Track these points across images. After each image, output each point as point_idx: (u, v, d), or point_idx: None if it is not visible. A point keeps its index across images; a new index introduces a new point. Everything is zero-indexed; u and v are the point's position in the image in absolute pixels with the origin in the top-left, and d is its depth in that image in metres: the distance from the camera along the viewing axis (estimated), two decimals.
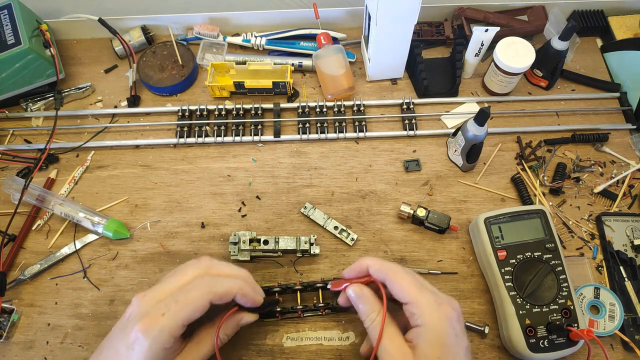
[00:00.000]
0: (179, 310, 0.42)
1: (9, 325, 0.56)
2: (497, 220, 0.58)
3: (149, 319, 0.41)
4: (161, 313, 0.41)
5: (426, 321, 0.42)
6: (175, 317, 0.42)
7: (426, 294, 0.44)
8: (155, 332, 0.41)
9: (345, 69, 0.71)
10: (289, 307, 0.55)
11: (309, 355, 0.55)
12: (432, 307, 0.43)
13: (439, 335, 0.42)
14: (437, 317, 0.42)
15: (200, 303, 0.43)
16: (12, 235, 0.62)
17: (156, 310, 0.42)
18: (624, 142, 0.70)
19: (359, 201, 0.65)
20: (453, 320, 0.43)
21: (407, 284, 0.44)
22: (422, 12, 0.65)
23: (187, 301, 0.42)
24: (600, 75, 0.76)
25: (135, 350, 0.41)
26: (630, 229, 0.62)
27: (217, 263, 0.48)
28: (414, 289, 0.44)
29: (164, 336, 0.41)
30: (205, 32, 0.76)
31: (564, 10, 0.78)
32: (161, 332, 0.41)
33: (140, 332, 0.41)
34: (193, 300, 0.43)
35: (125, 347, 0.41)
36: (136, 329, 0.41)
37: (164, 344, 0.41)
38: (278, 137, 0.69)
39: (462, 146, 0.63)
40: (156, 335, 0.41)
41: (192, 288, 0.44)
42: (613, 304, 0.56)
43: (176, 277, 0.45)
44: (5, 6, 0.69)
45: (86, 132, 0.71)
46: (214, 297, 0.44)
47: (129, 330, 0.41)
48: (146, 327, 0.41)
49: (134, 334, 0.41)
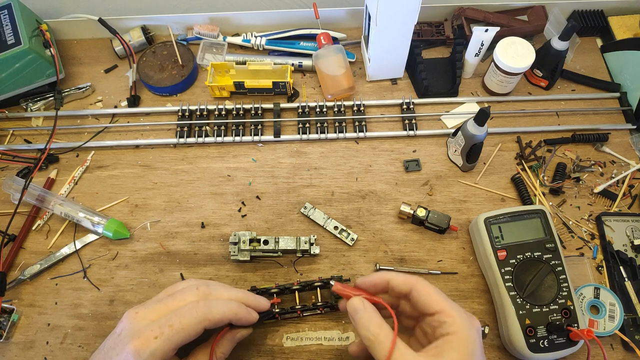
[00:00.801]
0: (173, 335, 0.42)
1: (9, 325, 0.56)
2: (497, 220, 0.58)
3: (141, 340, 0.41)
4: (154, 336, 0.41)
5: (458, 329, 0.41)
6: (168, 341, 0.41)
7: (454, 304, 0.43)
8: (146, 354, 0.40)
9: (345, 69, 0.71)
10: (288, 307, 0.55)
11: (309, 355, 0.55)
12: (463, 317, 0.42)
13: (470, 343, 0.41)
14: (468, 326, 0.41)
15: (194, 329, 0.43)
16: (12, 235, 0.62)
17: (149, 332, 0.41)
18: (624, 142, 0.70)
19: (359, 201, 0.65)
20: (480, 334, 0.42)
21: (436, 294, 0.43)
22: (422, 12, 0.65)
23: (181, 326, 0.42)
24: (600, 75, 0.76)
25: None
26: (630, 229, 0.62)
27: (214, 287, 0.48)
28: (443, 298, 0.43)
29: (155, 359, 0.41)
30: (205, 32, 0.76)
31: (564, 10, 0.78)
32: (152, 355, 0.41)
33: (132, 354, 0.40)
34: (187, 326, 0.42)
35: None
36: (127, 349, 0.40)
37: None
38: (278, 137, 0.69)
39: (462, 146, 0.63)
40: (147, 358, 0.40)
41: (187, 313, 0.43)
42: (613, 304, 0.56)
43: (173, 299, 0.45)
44: (5, 6, 0.69)
45: (86, 132, 0.71)
46: (209, 323, 0.44)
47: (120, 349, 0.41)
48: (137, 349, 0.40)
49: (125, 354, 0.40)
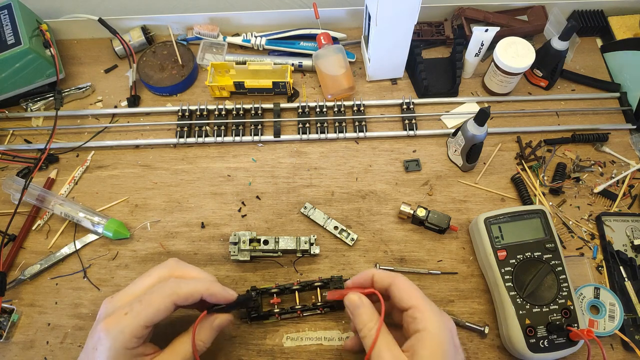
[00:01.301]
0: (142, 310, 0.42)
1: (9, 325, 0.56)
2: (497, 220, 0.58)
3: (112, 318, 0.42)
4: (124, 312, 0.42)
5: (428, 326, 0.42)
6: (138, 317, 0.42)
7: (428, 302, 0.44)
8: (116, 331, 0.41)
9: (345, 69, 0.71)
10: (288, 307, 0.55)
11: (309, 355, 0.55)
12: (434, 313, 0.43)
13: (440, 342, 0.41)
14: (439, 324, 0.42)
15: (163, 304, 0.43)
16: (12, 235, 0.62)
17: (119, 310, 0.42)
18: (624, 142, 0.70)
19: (359, 201, 0.65)
20: (453, 332, 0.43)
21: (412, 290, 0.45)
22: (422, 12, 0.65)
23: (150, 302, 0.43)
24: (600, 75, 0.76)
25: (99, 350, 0.41)
26: (630, 229, 0.62)
27: (184, 265, 0.48)
28: (418, 295, 0.44)
29: (125, 335, 0.41)
30: (205, 32, 0.76)
31: (564, 10, 0.78)
32: (122, 332, 0.41)
33: (103, 332, 0.41)
34: (156, 301, 0.43)
35: (91, 347, 0.42)
36: (99, 328, 0.41)
37: (126, 344, 0.41)
38: (278, 137, 0.69)
39: (462, 146, 0.63)
40: (117, 335, 0.41)
41: (156, 289, 0.44)
42: (613, 304, 0.56)
43: (142, 279, 0.46)
44: (5, 6, 0.69)
45: (86, 132, 0.71)
46: (178, 298, 0.44)
47: (95, 330, 0.42)
48: (108, 327, 0.41)
49: (98, 333, 0.41)
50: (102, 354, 0.40)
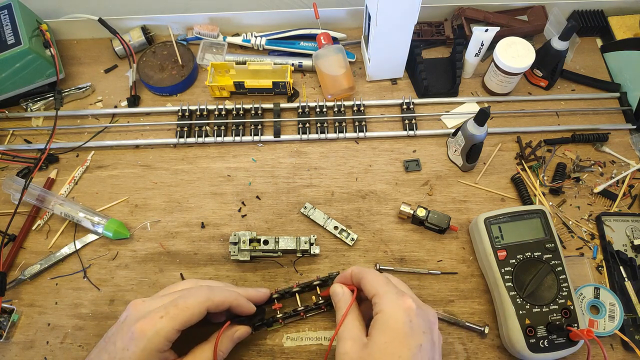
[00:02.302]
0: (177, 314, 0.43)
1: (9, 325, 0.56)
2: (497, 220, 0.58)
3: (147, 320, 0.42)
4: (159, 316, 0.42)
5: (382, 308, 0.43)
6: (173, 320, 0.42)
7: (391, 288, 0.45)
8: (151, 333, 0.41)
9: (345, 69, 0.71)
10: (290, 310, 0.55)
11: (309, 355, 0.55)
12: (390, 297, 0.44)
13: (391, 321, 0.42)
14: (393, 305, 0.43)
15: (197, 309, 0.44)
16: (12, 235, 0.62)
17: (154, 313, 0.43)
18: (624, 142, 0.70)
19: (359, 201, 0.65)
20: (411, 312, 0.43)
21: (376, 280, 0.46)
22: (422, 12, 0.65)
23: (185, 305, 0.44)
24: (600, 75, 0.76)
25: (130, 350, 0.41)
26: (630, 229, 0.62)
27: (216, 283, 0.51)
28: (381, 284, 0.45)
29: (159, 338, 0.42)
30: (205, 32, 0.76)
31: (564, 10, 0.78)
32: (157, 334, 0.42)
33: (137, 333, 0.41)
34: (191, 306, 0.44)
35: (120, 348, 0.42)
36: (133, 329, 0.42)
37: (159, 347, 0.42)
38: (278, 137, 0.69)
39: (462, 146, 0.63)
40: (152, 337, 0.41)
41: (191, 295, 0.45)
42: (613, 304, 0.56)
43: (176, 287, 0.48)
44: (5, 6, 0.69)
45: (86, 132, 0.71)
46: (211, 304, 0.45)
47: (125, 331, 0.42)
48: (143, 328, 0.42)
49: (130, 334, 0.41)
50: (135, 355, 0.41)
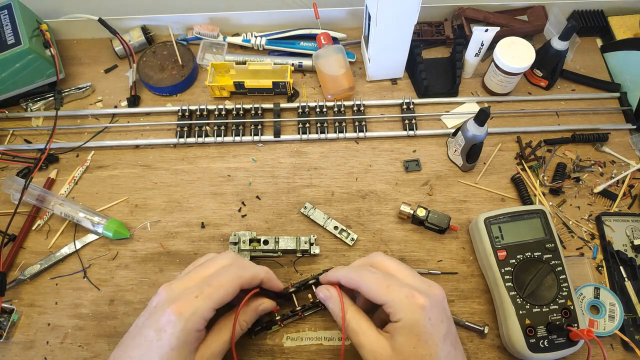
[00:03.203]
0: (212, 292, 0.43)
1: (9, 325, 0.56)
2: (497, 220, 0.58)
3: (183, 301, 0.42)
4: (194, 296, 0.43)
5: (400, 317, 0.43)
6: (209, 299, 0.43)
7: (395, 291, 0.45)
8: (188, 313, 0.42)
9: (345, 69, 0.71)
10: (288, 311, 0.55)
11: (309, 355, 0.55)
12: (403, 303, 0.44)
13: (413, 327, 0.43)
14: (410, 311, 0.43)
15: (231, 287, 0.45)
16: (12, 235, 0.62)
17: (189, 293, 0.43)
18: (624, 142, 0.70)
19: (359, 201, 0.65)
20: (427, 309, 0.43)
21: (374, 287, 0.46)
22: (422, 12, 0.65)
23: (219, 284, 0.44)
24: (600, 75, 0.76)
25: (168, 332, 0.41)
26: (630, 229, 0.62)
27: (241, 258, 0.51)
28: (383, 290, 0.45)
29: (197, 318, 0.42)
30: (205, 32, 0.76)
31: (564, 10, 0.78)
32: (194, 314, 0.42)
33: (174, 314, 0.41)
34: (225, 283, 0.45)
35: (155, 331, 0.41)
36: (169, 311, 0.42)
37: (196, 326, 0.42)
38: (278, 137, 0.69)
39: (462, 146, 0.63)
40: (189, 317, 0.42)
41: (223, 272, 0.46)
42: (613, 304, 0.56)
43: (203, 267, 0.47)
44: (5, 6, 0.69)
45: (86, 132, 0.71)
46: (244, 281, 0.46)
47: (159, 315, 0.42)
48: (180, 309, 0.42)
49: (167, 316, 0.41)
50: (173, 336, 0.41)
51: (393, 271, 0.48)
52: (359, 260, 0.52)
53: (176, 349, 0.41)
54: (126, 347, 0.43)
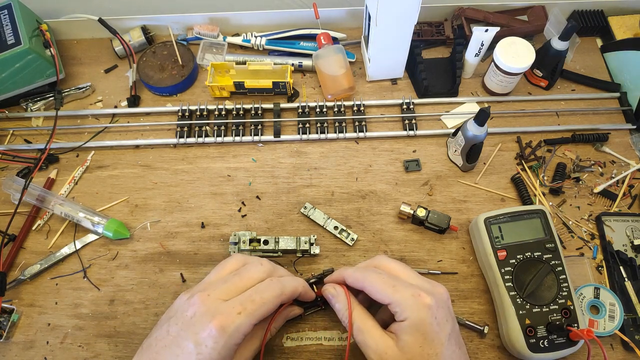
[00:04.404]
0: (256, 309, 0.44)
1: (9, 325, 0.56)
2: (497, 220, 0.58)
3: (225, 317, 0.42)
4: (237, 312, 0.43)
5: (406, 317, 0.44)
6: (252, 316, 0.43)
7: (401, 290, 0.45)
8: (231, 329, 0.42)
9: (345, 69, 0.71)
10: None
11: (309, 355, 0.55)
12: (409, 303, 0.44)
13: (420, 326, 0.43)
14: (416, 310, 0.44)
15: (272, 303, 0.45)
16: (12, 235, 0.62)
17: (231, 308, 0.43)
18: (624, 142, 0.70)
19: (359, 201, 0.65)
20: (433, 308, 0.44)
21: (381, 287, 0.46)
22: (422, 12, 0.65)
23: (263, 301, 0.44)
24: (600, 75, 0.76)
25: (209, 346, 0.41)
26: (630, 229, 0.62)
27: (276, 266, 0.51)
28: (389, 290, 0.45)
29: (238, 334, 0.42)
30: (205, 32, 0.76)
31: (564, 10, 0.78)
32: (237, 330, 0.42)
33: (216, 329, 0.41)
34: (268, 301, 0.45)
35: (194, 344, 0.41)
36: (211, 326, 0.41)
37: (237, 341, 0.43)
38: (278, 137, 0.69)
39: (462, 146, 0.63)
40: (232, 333, 0.42)
41: (266, 289, 0.46)
42: (613, 304, 0.56)
43: (242, 278, 0.47)
44: (5, 6, 0.69)
45: (86, 132, 0.71)
46: (285, 297, 0.47)
47: (199, 327, 0.42)
48: (222, 325, 0.42)
49: (208, 331, 0.41)
50: (215, 351, 0.41)
51: (397, 272, 0.48)
52: (362, 263, 0.53)
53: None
54: (157, 354, 0.43)
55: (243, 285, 0.46)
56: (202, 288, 0.46)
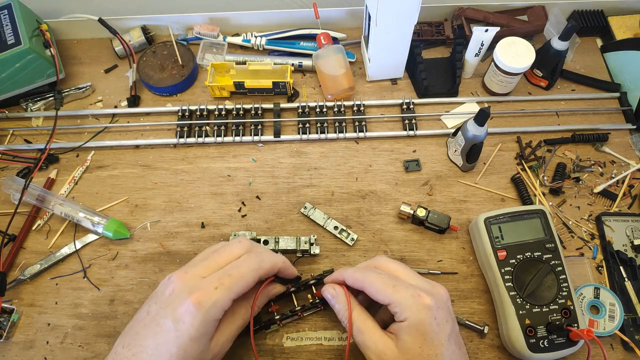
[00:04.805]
0: (233, 284, 0.44)
1: (9, 325, 0.56)
2: (497, 220, 0.58)
3: (202, 292, 0.42)
4: (214, 286, 0.43)
5: (406, 317, 0.44)
6: (229, 290, 0.43)
7: (401, 291, 0.45)
8: (208, 304, 0.42)
9: (345, 69, 0.71)
10: (287, 311, 0.55)
11: (309, 355, 0.55)
12: (408, 303, 0.44)
13: (419, 326, 0.43)
14: (416, 311, 0.44)
15: (251, 277, 0.45)
16: (12, 235, 0.62)
17: (208, 284, 0.43)
18: (624, 142, 0.70)
19: (359, 201, 0.65)
20: (433, 309, 0.44)
21: (380, 287, 0.46)
22: (422, 12, 0.65)
23: (240, 275, 0.44)
24: (600, 75, 0.76)
25: (187, 322, 0.41)
26: (630, 229, 0.62)
27: (255, 244, 0.51)
28: (389, 290, 0.45)
29: (216, 309, 0.42)
30: (205, 32, 0.76)
31: (564, 10, 0.78)
32: (214, 305, 0.42)
33: (194, 305, 0.41)
34: (245, 275, 0.45)
35: (172, 321, 0.41)
36: (188, 301, 0.41)
37: (216, 317, 0.43)
38: (278, 137, 0.69)
39: (462, 146, 0.63)
40: (209, 308, 0.42)
41: (243, 263, 0.46)
42: (613, 304, 0.56)
43: (220, 254, 0.47)
44: (5, 6, 0.69)
45: (86, 132, 0.71)
46: (263, 271, 0.47)
47: (177, 304, 0.42)
48: (199, 300, 0.42)
49: (186, 306, 0.41)
50: (192, 327, 0.41)
51: (397, 273, 0.48)
52: (362, 263, 0.53)
53: (195, 339, 0.41)
54: (137, 335, 0.43)
55: (222, 261, 0.46)
56: (183, 268, 0.46)
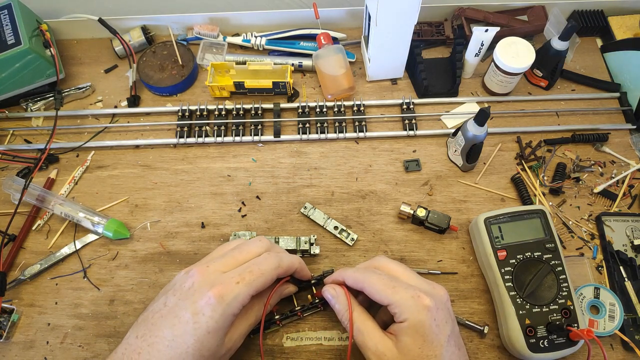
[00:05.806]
0: (254, 280, 0.44)
1: (9, 325, 0.56)
2: (497, 220, 0.58)
3: (224, 286, 0.43)
4: (235, 281, 0.44)
5: (406, 318, 0.44)
6: (250, 286, 0.44)
7: (401, 292, 0.45)
8: (229, 298, 0.42)
9: (345, 69, 0.71)
10: (287, 311, 0.55)
11: (309, 355, 0.55)
12: (408, 304, 0.44)
13: (419, 327, 0.43)
14: (415, 312, 0.44)
15: (270, 275, 0.46)
16: (12, 235, 0.62)
17: (230, 279, 0.44)
18: (624, 142, 0.70)
19: (359, 201, 0.65)
20: (432, 310, 0.44)
21: (380, 288, 0.46)
22: (422, 12, 0.65)
23: (260, 272, 0.45)
24: (600, 75, 0.76)
25: (207, 315, 0.41)
26: (630, 229, 0.62)
27: (274, 244, 0.53)
28: (389, 291, 0.45)
29: (237, 303, 0.43)
30: (205, 32, 0.76)
31: (564, 10, 0.78)
32: (235, 299, 0.43)
33: (215, 298, 0.42)
34: (265, 272, 0.46)
35: (191, 314, 0.42)
36: (210, 294, 0.42)
37: (235, 311, 0.43)
38: (278, 137, 0.69)
39: (462, 146, 0.63)
40: (230, 302, 0.42)
41: (263, 261, 0.47)
42: (613, 304, 0.56)
43: (240, 251, 0.48)
44: (5, 6, 0.69)
45: (86, 132, 0.71)
46: (282, 270, 0.48)
47: (198, 297, 0.42)
48: (221, 293, 0.42)
49: (206, 299, 0.42)
50: (212, 319, 0.41)
51: (397, 273, 0.49)
52: (362, 264, 0.53)
53: (212, 332, 0.42)
54: (153, 326, 0.43)
55: (242, 258, 0.47)
56: (202, 262, 0.47)
